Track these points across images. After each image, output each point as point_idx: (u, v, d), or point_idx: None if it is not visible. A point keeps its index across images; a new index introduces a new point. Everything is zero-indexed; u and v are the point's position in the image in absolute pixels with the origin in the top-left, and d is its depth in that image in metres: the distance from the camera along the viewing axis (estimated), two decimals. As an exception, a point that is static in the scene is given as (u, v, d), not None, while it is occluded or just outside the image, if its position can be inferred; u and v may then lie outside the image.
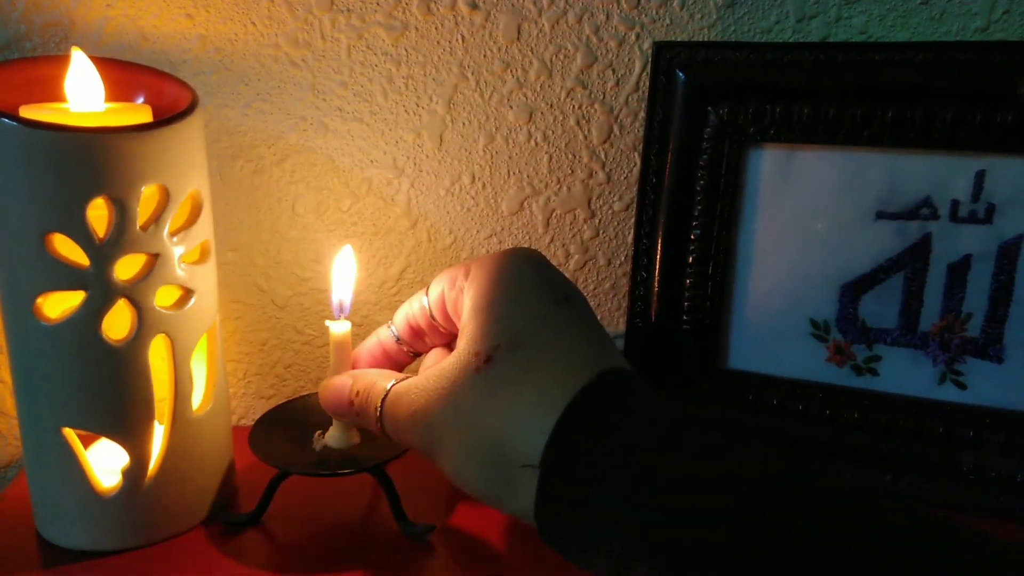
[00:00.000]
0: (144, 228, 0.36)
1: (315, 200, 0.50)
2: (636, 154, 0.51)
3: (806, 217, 0.45)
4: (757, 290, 0.46)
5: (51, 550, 0.39)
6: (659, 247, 0.47)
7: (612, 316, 0.55)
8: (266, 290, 0.51)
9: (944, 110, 0.41)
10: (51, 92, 0.39)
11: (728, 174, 0.45)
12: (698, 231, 0.46)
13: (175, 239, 0.37)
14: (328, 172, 0.49)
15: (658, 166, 0.46)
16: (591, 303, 0.54)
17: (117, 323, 0.36)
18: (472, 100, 0.49)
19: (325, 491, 0.44)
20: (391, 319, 0.40)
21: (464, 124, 0.49)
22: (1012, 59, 0.41)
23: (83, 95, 0.37)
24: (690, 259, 0.46)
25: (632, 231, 0.51)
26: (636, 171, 0.51)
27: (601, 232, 0.53)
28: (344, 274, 0.40)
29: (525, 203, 0.51)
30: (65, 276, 0.35)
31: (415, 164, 0.50)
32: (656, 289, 0.47)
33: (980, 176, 0.42)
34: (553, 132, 0.50)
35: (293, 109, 0.48)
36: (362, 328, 0.53)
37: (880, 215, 0.44)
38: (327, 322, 0.39)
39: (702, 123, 0.45)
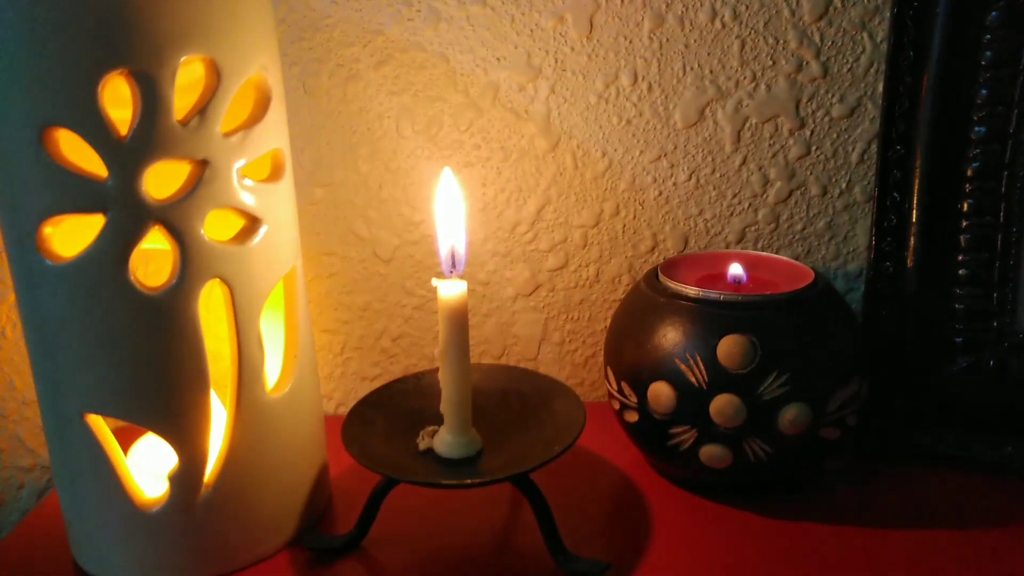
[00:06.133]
0: (184, 122, 0.25)
1: (425, 116, 0.38)
2: (864, 35, 0.37)
3: None
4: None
5: (86, 583, 0.29)
6: (916, 184, 0.32)
7: (826, 264, 0.40)
8: (367, 238, 0.40)
9: None
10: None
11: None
12: (976, 164, 0.32)
13: (231, 141, 0.26)
14: (441, 76, 0.37)
15: (917, 59, 0.32)
16: (795, 248, 0.41)
17: (153, 262, 0.25)
18: (633, -34, 0.36)
19: (447, 507, 0.33)
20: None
21: (621, 1, 0.36)
22: None
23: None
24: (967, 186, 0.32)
25: (858, 146, 0.37)
26: (864, 59, 0.37)
27: (814, 149, 0.38)
28: (451, 212, 0.29)
29: (707, 110, 0.38)
30: (75, 191, 0.25)
31: (556, 61, 0.37)
32: (912, 244, 0.33)
33: None
34: (746, 7, 0.36)
35: (394, -7, 0.36)
36: (488, 288, 0.40)
37: None
38: (435, 281, 0.29)
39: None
